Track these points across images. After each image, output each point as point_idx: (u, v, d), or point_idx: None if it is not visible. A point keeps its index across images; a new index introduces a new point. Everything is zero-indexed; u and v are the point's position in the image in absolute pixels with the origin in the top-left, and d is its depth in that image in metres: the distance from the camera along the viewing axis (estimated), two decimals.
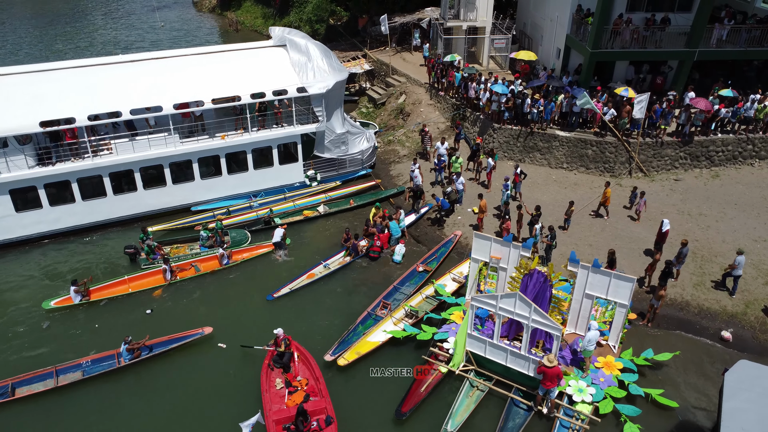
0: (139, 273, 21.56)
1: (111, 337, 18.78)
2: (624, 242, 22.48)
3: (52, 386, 16.83)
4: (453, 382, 17.14)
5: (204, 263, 22.31)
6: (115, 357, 17.77)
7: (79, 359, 17.73)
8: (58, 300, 20.09)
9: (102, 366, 17.57)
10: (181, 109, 24.26)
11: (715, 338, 18.71)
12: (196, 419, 16.10)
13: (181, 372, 17.69)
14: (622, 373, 16.96)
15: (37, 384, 16.99)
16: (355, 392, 16.88)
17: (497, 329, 16.44)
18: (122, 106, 23.14)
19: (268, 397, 16.22)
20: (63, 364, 17.54)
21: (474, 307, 16.60)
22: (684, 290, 20.36)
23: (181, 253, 22.95)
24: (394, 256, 22.60)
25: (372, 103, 35.93)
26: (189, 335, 18.52)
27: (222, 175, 25.56)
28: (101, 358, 17.82)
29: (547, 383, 15.47)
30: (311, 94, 25.66)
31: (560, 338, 15.58)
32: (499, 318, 16.23)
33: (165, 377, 17.54)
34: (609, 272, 17.09)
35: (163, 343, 18.23)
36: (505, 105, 27.40)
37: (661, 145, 26.41)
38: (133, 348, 17.68)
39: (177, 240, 23.62)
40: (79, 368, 17.47)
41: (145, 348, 17.95)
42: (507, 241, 18.29)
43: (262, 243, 23.45)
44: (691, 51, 27.45)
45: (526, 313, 15.60)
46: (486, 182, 26.42)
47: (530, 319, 15.62)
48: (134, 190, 24.27)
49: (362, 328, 18.99)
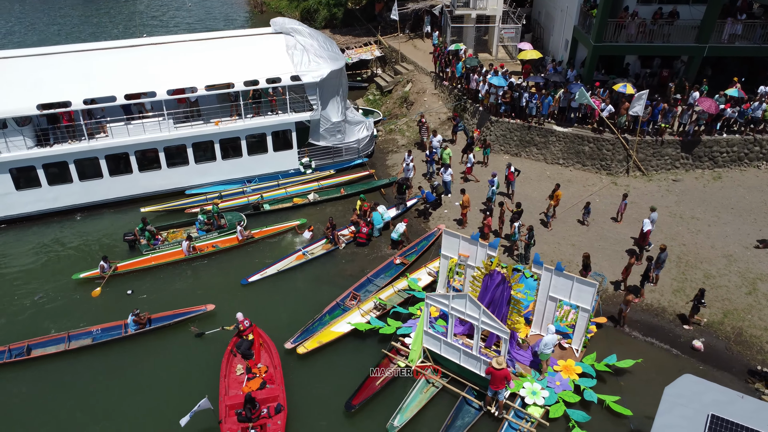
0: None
1: (127, 309, 19.63)
2: (608, 243, 22.02)
3: (63, 349, 18.17)
4: (410, 378, 17.24)
5: (223, 242, 22.97)
6: (122, 327, 18.94)
7: (90, 327, 18.99)
8: (87, 273, 21.18)
9: (111, 334, 18.79)
10: (176, 95, 24.70)
11: (685, 347, 18.26)
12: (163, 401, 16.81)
13: (175, 348, 18.59)
14: (580, 378, 16.78)
15: (51, 347, 18.36)
16: (312, 382, 17.18)
17: (450, 328, 16.45)
18: (117, 91, 23.72)
19: (227, 382, 16.67)
20: (75, 330, 18.88)
21: (428, 305, 16.62)
22: (662, 296, 19.89)
23: (179, 237, 23.50)
24: (392, 234, 22.64)
25: (379, 91, 35.79)
26: (191, 311, 19.46)
27: (216, 160, 26.02)
28: (110, 327, 19.03)
29: (494, 385, 15.45)
30: (305, 82, 25.77)
31: (508, 341, 15.49)
32: (452, 317, 16.22)
33: (162, 350, 18.46)
34: (572, 276, 16.85)
35: (167, 317, 19.27)
36: (502, 98, 26.94)
37: (662, 143, 25.59)
38: (140, 320, 18.67)
39: (173, 225, 24.20)
40: (89, 335, 18.80)
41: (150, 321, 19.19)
42: (474, 239, 18.18)
43: (284, 223, 24.11)
44: (700, 47, 26.40)
45: (476, 315, 15.55)
46: (468, 176, 26.11)
47: (480, 321, 15.56)
48: (130, 173, 24.96)
49: (329, 317, 19.24)
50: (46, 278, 21.54)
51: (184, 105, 25.71)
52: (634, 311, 19.34)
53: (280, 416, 15.64)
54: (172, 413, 15.64)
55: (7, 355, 17.96)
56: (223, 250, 22.80)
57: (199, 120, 25.69)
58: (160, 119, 24.65)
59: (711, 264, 20.87)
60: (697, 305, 18.41)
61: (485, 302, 17.20)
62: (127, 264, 21.77)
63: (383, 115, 33.39)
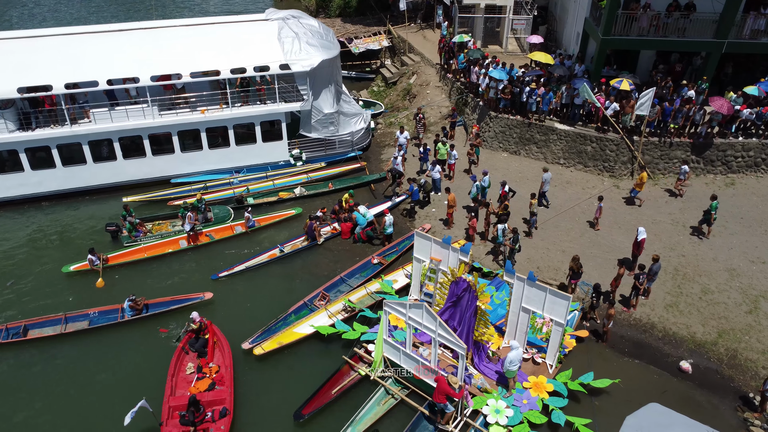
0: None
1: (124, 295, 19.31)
2: (601, 251, 20.61)
3: (59, 332, 18.04)
4: (369, 387, 16.31)
5: (218, 232, 22.59)
6: (118, 311, 18.75)
7: (87, 309, 18.79)
8: (76, 266, 20.70)
9: (107, 318, 18.63)
10: (162, 81, 24.12)
11: (672, 368, 16.86)
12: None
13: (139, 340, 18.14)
14: (550, 397, 15.58)
15: (48, 328, 18.26)
16: (265, 386, 16.41)
17: (408, 337, 15.41)
18: (100, 76, 23.25)
19: (174, 381, 16.01)
20: (72, 312, 18.67)
21: (387, 312, 15.61)
22: (653, 310, 18.46)
23: (164, 230, 22.96)
24: (387, 230, 21.64)
25: (384, 82, 34.69)
26: (189, 298, 19.15)
27: (203, 149, 25.39)
28: (107, 311, 18.86)
29: (435, 396, 14.38)
30: (295, 71, 24.89)
31: (464, 357, 14.36)
32: (409, 327, 15.17)
33: (130, 341, 18.08)
34: (545, 287, 15.62)
35: (164, 304, 19.04)
36: (501, 93, 25.56)
37: (670, 145, 23.90)
38: (136, 306, 18.41)
39: (159, 216, 23.66)
40: (86, 318, 18.65)
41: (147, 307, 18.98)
42: (446, 243, 17.05)
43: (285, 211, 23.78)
44: (719, 42, 24.49)
45: (433, 326, 14.46)
46: (451, 173, 24.97)
47: (436, 333, 14.47)
48: (114, 159, 24.53)
49: (294, 317, 18.45)
50: (30, 268, 20.97)
51: (170, 92, 25.12)
52: (620, 326, 18.03)
53: (224, 421, 14.93)
54: (121, 410, 14.99)
55: (4, 335, 17.84)
56: (219, 241, 22.36)
57: (185, 108, 25.01)
58: (144, 106, 24.08)
59: (711, 278, 19.31)
60: (593, 301, 17.92)
61: (451, 311, 16.11)
62: (118, 255, 21.26)
63: (385, 107, 32.30)
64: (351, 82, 35.59)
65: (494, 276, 19.66)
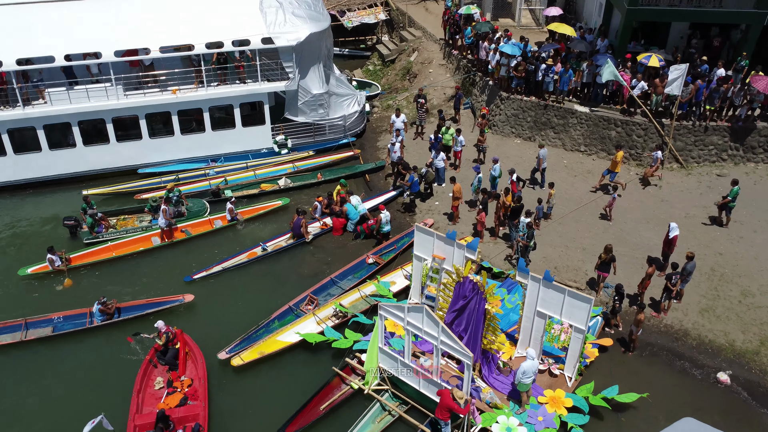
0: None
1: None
2: (627, 248, 20.46)
3: (20, 339, 17.84)
4: (364, 402, 16.15)
5: (195, 227, 22.51)
6: (87, 316, 18.53)
7: (51, 314, 18.55)
8: (35, 268, 20.47)
9: (74, 324, 18.41)
10: (128, 57, 23.98)
11: (708, 381, 16.73)
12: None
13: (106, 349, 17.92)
14: (569, 413, 15.41)
15: (6, 335, 18.03)
16: (244, 401, 16.26)
17: (408, 345, 15.25)
18: (56, 51, 23.10)
19: (141, 398, 15.83)
20: (34, 318, 18.46)
21: (383, 316, 15.44)
22: (686, 315, 18.34)
23: (129, 225, 22.86)
24: (383, 228, 21.51)
25: (381, 60, 34.59)
26: (167, 301, 19.06)
27: (174, 135, 25.30)
28: (74, 315, 18.64)
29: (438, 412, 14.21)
30: (279, 46, 24.77)
31: (471, 367, 14.19)
32: (408, 334, 15.01)
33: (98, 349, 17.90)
34: (563, 288, 15.44)
35: (138, 307, 18.86)
36: (514, 70, 25.42)
37: (705, 130, 23.80)
38: (106, 310, 18.24)
39: (124, 210, 23.51)
40: (50, 323, 18.43)
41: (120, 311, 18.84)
42: (450, 238, 16.88)
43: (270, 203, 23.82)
44: (761, 13, 24.38)
45: (434, 333, 14.30)
46: (456, 162, 24.90)
47: (439, 340, 14.31)
48: (72, 146, 24.38)
49: (277, 324, 18.30)
50: None
51: (137, 69, 25.02)
52: (649, 333, 17.92)
53: None
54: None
55: None
56: (196, 237, 22.29)
57: (154, 88, 24.89)
58: (108, 85, 23.95)
59: (752, 279, 19.21)
60: (616, 305, 17.78)
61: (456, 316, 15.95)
62: (83, 255, 21.05)
63: (382, 88, 32.22)
64: (344, 61, 35.53)
65: (506, 277, 19.52)
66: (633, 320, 17.23)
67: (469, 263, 15.94)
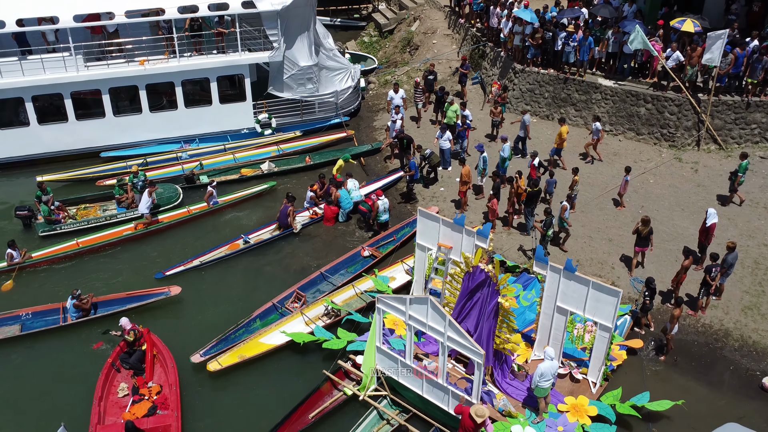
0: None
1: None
2: (659, 239, 20.46)
3: None
4: (358, 410, 16.14)
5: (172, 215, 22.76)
6: (60, 312, 18.60)
7: (18, 310, 18.61)
8: None
9: (45, 321, 18.47)
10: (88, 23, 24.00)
11: (752, 386, 16.74)
12: None
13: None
14: (593, 423, 15.38)
15: None
16: (223, 409, 16.25)
17: (409, 344, 15.20)
18: (6, 15, 23.20)
19: (102, 406, 15.76)
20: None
21: (381, 310, 15.40)
22: (727, 314, 18.39)
23: (91, 215, 22.95)
24: (381, 217, 21.57)
25: (378, 31, 34.72)
26: (150, 294, 19.16)
27: (142, 112, 25.47)
28: (44, 311, 18.74)
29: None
30: (262, 11, 24.91)
31: (482, 367, 14.14)
32: (410, 330, 14.95)
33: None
34: (587, 280, 15.39)
35: (118, 301, 18.94)
36: (530, 39, 25.45)
37: (747, 106, 23.86)
38: (82, 305, 18.26)
39: (85, 198, 23.57)
40: (17, 321, 18.47)
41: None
42: (458, 223, 16.83)
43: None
44: None
45: (441, 328, 14.24)
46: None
47: (445, 336, 14.25)
48: (25, 125, 24.45)
49: (259, 323, 18.32)
50: None
51: (99, 37, 25.17)
52: (685, 333, 17.98)
53: None
54: None
55: None
56: (172, 226, 22.49)
57: (119, 58, 24.98)
58: (66, 55, 24.00)
59: None
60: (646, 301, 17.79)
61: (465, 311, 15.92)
62: (48, 252, 21.06)
63: (379, 62, 32.36)
64: (336, 32, 35.62)
65: (521, 271, 19.50)
66: (668, 318, 17.21)
67: (480, 251, 15.89)
